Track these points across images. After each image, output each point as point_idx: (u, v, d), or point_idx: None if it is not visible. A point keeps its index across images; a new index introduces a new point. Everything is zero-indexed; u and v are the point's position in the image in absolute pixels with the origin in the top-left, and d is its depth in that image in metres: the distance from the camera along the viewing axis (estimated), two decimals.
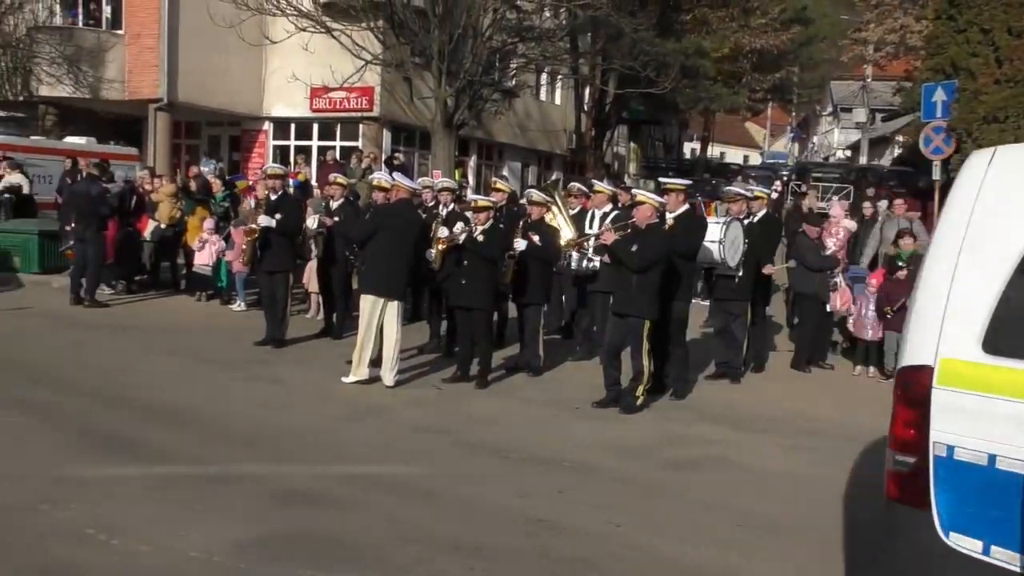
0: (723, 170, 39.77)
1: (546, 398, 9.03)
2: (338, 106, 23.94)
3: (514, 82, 24.79)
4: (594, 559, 5.15)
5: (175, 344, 10.68)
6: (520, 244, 9.60)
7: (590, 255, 10.08)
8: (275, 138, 25.68)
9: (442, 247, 9.42)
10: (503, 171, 28.97)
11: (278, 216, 10.33)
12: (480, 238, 9.10)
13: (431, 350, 10.71)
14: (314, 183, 18.43)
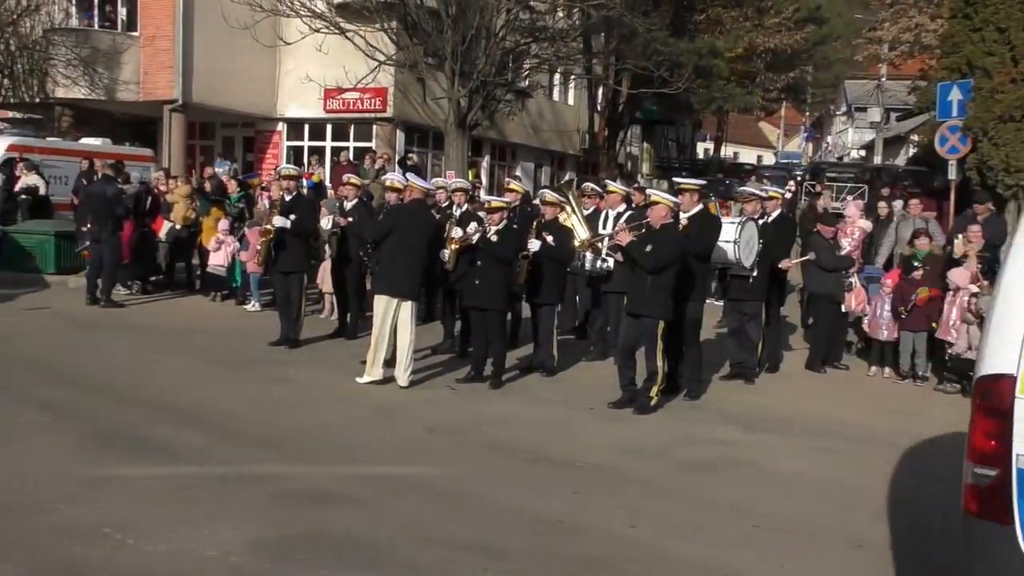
0: (736, 170, 39.67)
1: (560, 398, 9.02)
2: (352, 107, 23.98)
3: (527, 82, 24.80)
4: (609, 560, 5.14)
5: (190, 344, 10.73)
6: (534, 244, 9.60)
7: (604, 255, 10.07)
8: (289, 139, 25.72)
9: (456, 247, 9.45)
10: (516, 171, 28.95)
11: (292, 217, 10.37)
12: (494, 238, 9.10)
13: (445, 350, 10.72)
14: (328, 184, 18.48)
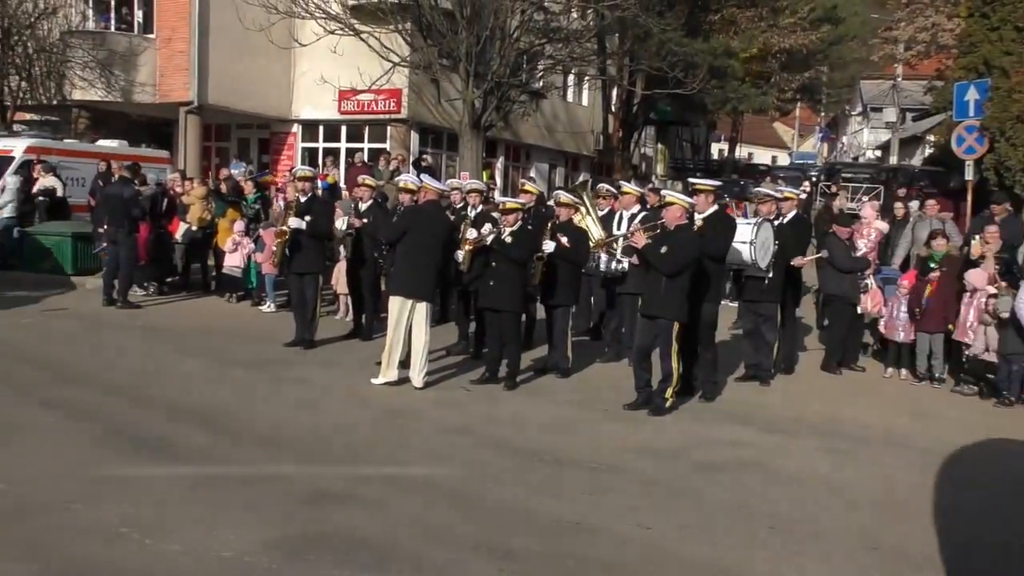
0: (751, 171, 39.53)
1: (575, 400, 9.01)
2: (366, 108, 24.05)
3: (541, 83, 24.81)
4: (623, 561, 5.13)
5: (206, 345, 10.77)
6: (548, 246, 9.59)
7: (619, 256, 10.05)
8: (304, 140, 25.83)
9: (470, 248, 9.44)
10: (531, 172, 28.95)
11: (308, 218, 10.39)
12: (508, 240, 9.09)
13: (459, 351, 10.71)
14: (342, 185, 18.53)
